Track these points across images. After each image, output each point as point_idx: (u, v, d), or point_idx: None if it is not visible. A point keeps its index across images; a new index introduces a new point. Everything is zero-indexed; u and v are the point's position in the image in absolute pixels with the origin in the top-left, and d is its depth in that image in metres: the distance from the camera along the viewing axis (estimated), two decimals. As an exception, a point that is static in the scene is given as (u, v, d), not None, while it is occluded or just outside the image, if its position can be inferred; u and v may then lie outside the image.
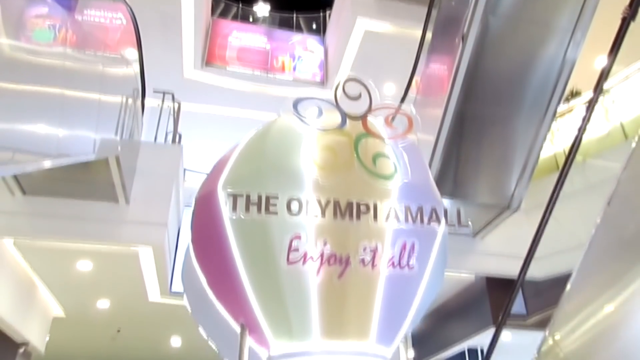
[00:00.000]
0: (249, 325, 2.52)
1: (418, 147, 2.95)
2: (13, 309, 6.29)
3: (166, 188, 5.95)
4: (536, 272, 6.23)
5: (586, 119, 3.86)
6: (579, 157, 6.57)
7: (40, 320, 7.52)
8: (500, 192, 6.38)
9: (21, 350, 7.16)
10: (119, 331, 9.26)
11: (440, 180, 6.06)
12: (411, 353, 9.60)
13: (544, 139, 5.78)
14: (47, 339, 8.06)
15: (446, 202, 6.33)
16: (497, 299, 7.07)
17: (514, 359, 3.18)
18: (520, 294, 7.46)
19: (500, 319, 4.30)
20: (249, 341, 2.56)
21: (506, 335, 7.45)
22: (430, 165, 5.98)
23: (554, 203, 3.92)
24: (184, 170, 7.07)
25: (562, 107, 6.82)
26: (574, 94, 7.82)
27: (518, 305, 7.37)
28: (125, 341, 9.85)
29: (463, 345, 8.23)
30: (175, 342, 10.08)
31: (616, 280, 2.51)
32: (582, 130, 3.82)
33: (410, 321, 2.65)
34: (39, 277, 6.88)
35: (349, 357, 2.43)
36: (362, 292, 2.42)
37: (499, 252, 6.82)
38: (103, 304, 7.88)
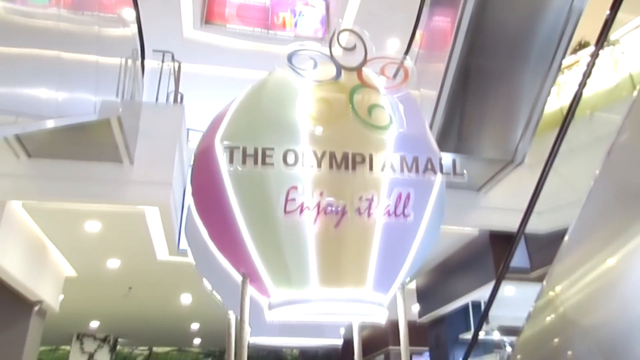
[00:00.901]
0: (249, 275, 2.59)
1: (414, 97, 2.94)
2: (26, 269, 6.45)
3: (169, 148, 5.99)
4: (540, 226, 6.26)
5: (587, 74, 3.82)
6: (586, 111, 6.52)
7: (53, 280, 7.71)
8: (504, 146, 6.36)
9: (36, 308, 7.38)
10: (130, 289, 9.48)
11: (443, 135, 6.05)
12: (416, 307, 9.81)
13: (549, 92, 5.72)
14: (61, 298, 8.28)
15: (448, 156, 6.34)
16: (500, 254, 7.13)
17: (517, 312, 3.25)
18: (524, 248, 7.54)
19: (500, 272, 4.38)
20: (251, 290, 2.64)
21: (510, 289, 7.57)
22: (432, 120, 5.96)
23: (554, 158, 3.92)
24: (187, 130, 7.08)
25: (570, 59, 6.72)
26: (582, 45, 7.63)
27: (522, 259, 7.45)
28: (137, 299, 10.10)
29: (466, 299, 8.39)
30: (186, 299, 10.31)
31: (617, 233, 2.53)
32: (582, 85, 3.79)
33: (407, 269, 2.71)
34: (49, 238, 7.03)
35: (347, 304, 2.50)
36: (359, 240, 2.47)
37: (503, 207, 6.85)
38: (113, 263, 8.04)
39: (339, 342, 3.32)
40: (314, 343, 3.47)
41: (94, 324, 13.12)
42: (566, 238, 2.93)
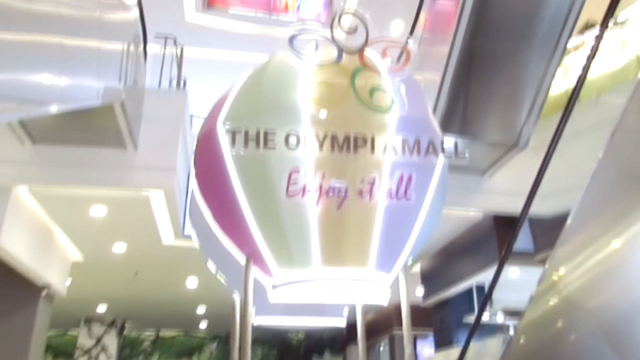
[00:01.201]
0: (253, 256, 2.63)
1: (416, 79, 2.94)
2: (33, 254, 6.52)
3: (173, 133, 6.01)
4: (545, 209, 6.27)
5: (591, 57, 3.79)
6: (592, 94, 6.47)
7: (60, 265, 7.80)
8: (508, 129, 6.35)
9: (43, 292, 7.48)
10: (136, 274, 9.58)
11: (447, 119, 6.04)
12: (420, 290, 9.87)
13: (554, 74, 5.69)
14: (69, 282, 8.38)
15: (452, 139, 6.34)
16: (504, 237, 7.15)
17: (521, 295, 3.28)
18: (528, 231, 7.56)
19: (503, 255, 4.39)
20: (254, 271, 2.67)
21: (514, 272, 7.61)
22: (436, 103, 5.95)
23: (558, 140, 3.91)
24: (191, 116, 7.09)
25: (576, 41, 6.66)
26: (589, 26, 7.55)
27: (526, 243, 7.48)
28: (143, 283, 10.21)
29: (470, 282, 8.43)
30: (191, 283, 10.42)
31: (621, 216, 2.53)
32: (586, 68, 3.76)
33: (409, 250, 2.73)
34: (56, 223, 7.09)
35: (349, 283, 2.54)
36: (361, 222, 2.49)
37: (507, 190, 6.86)
38: (119, 248, 8.12)
39: (343, 322, 3.36)
40: (318, 323, 3.52)
41: (102, 308, 13.27)
42: (569, 221, 2.94)
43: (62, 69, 3.57)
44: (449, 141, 6.25)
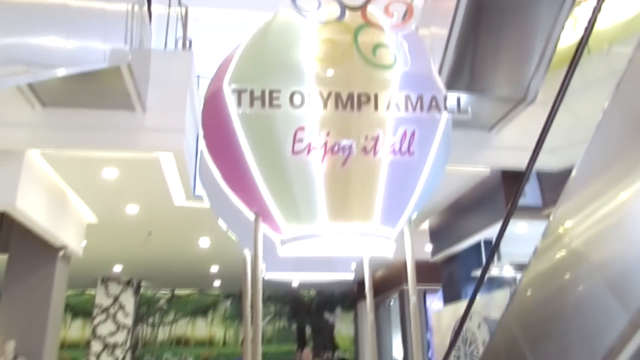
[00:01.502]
0: (262, 213, 2.71)
1: (419, 35, 2.94)
2: (48, 215, 6.69)
3: (180, 94, 6.04)
4: (553, 164, 6.27)
5: (597, 9, 3.73)
6: (603, 45, 6.36)
7: (75, 226, 7.99)
8: (516, 84, 6.30)
9: (60, 253, 7.70)
10: (150, 234, 9.78)
11: (455, 74, 6.00)
12: (429, 247, 10.01)
13: (563, 26, 5.59)
14: (84, 243, 8.60)
15: (463, 97, 6.31)
16: (512, 192, 7.19)
17: (529, 249, 3.35)
18: (536, 185, 7.59)
19: (509, 208, 4.45)
20: (263, 228, 2.76)
21: (522, 226, 7.68)
22: (443, 58, 5.89)
23: (564, 93, 3.89)
24: (198, 77, 7.09)
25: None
26: (600, -25, 7.33)
27: (534, 197, 7.52)
28: (157, 243, 10.43)
29: (478, 237, 8.52)
30: (204, 242, 10.62)
31: (627, 168, 2.56)
32: (592, 21, 3.71)
33: (413, 205, 2.80)
34: (69, 186, 7.23)
35: (355, 237, 2.62)
36: (365, 177, 2.55)
37: (515, 146, 6.86)
38: (132, 209, 8.27)
39: (351, 276, 3.47)
40: (327, 277, 3.64)
41: (117, 268, 13.60)
42: (573, 173, 2.97)
43: (68, 32, 3.58)
44: (453, 97, 6.25)
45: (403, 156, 2.55)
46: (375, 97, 2.52)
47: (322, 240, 2.60)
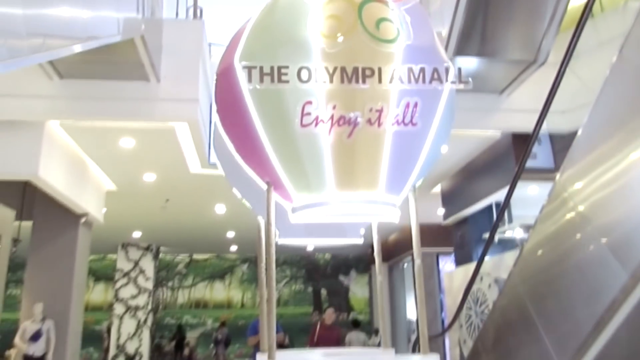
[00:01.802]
0: (273, 183, 2.86)
1: (422, 7, 2.99)
2: (70, 184, 6.92)
3: (193, 64, 6.12)
4: (564, 126, 6.28)
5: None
6: (619, 1, 6.26)
7: (96, 194, 8.24)
8: (527, 46, 6.25)
9: (82, 220, 7.99)
10: (167, 201, 10.02)
11: (465, 38, 5.98)
12: (442, 211, 10.13)
13: (574, -16, 5.52)
14: (104, 210, 8.87)
15: (473, 62, 6.29)
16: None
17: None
18: (549, 147, 7.60)
19: (518, 169, 4.52)
20: (275, 197, 2.92)
21: (533, 188, 7.73)
22: (452, 23, 5.88)
23: (572, 53, 3.90)
24: (209, 45, 7.13)
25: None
26: None
27: (546, 159, 7.54)
28: (174, 210, 10.69)
29: (489, 200, 8.61)
30: (220, 209, 10.85)
31: (631, 132, 2.62)
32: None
33: (417, 173, 2.92)
34: (88, 155, 7.44)
35: (362, 205, 2.76)
36: (370, 148, 2.67)
37: (525, 108, 6.86)
38: (149, 177, 8.48)
39: (360, 241, 3.63)
40: (337, 242, 3.80)
41: (137, 234, 13.96)
42: (578, 135, 3.04)
43: (84, 2, 3.68)
44: (469, 63, 6.23)
45: (406, 127, 2.66)
46: (379, 70, 2.61)
47: (330, 208, 2.74)
